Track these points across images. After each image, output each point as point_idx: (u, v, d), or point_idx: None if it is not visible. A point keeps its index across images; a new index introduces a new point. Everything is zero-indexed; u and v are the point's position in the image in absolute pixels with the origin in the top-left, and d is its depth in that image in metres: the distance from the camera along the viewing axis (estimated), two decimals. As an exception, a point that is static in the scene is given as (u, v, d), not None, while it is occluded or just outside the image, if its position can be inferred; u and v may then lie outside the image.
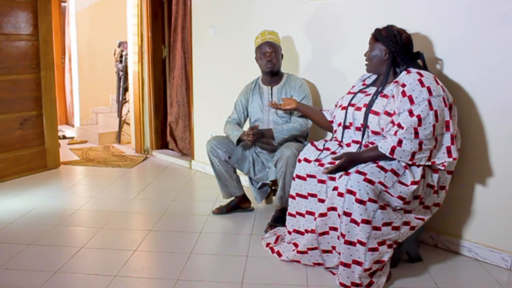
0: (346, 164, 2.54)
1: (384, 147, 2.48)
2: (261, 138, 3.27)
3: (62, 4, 7.40)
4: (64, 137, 6.62)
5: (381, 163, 2.47)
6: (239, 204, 3.61)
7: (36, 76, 4.64)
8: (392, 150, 2.45)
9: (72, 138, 6.71)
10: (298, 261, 2.73)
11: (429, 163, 2.48)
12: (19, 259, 2.78)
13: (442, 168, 2.52)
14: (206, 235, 3.20)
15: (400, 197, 2.43)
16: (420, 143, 2.42)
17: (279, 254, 2.82)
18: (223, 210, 3.59)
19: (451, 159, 2.50)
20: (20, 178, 4.53)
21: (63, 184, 4.41)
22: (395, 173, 2.44)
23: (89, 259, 2.84)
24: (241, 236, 3.20)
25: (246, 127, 3.55)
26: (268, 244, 2.96)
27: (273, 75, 3.39)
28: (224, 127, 3.52)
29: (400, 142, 2.43)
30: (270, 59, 3.32)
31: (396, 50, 2.63)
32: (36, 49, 4.61)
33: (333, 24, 3.45)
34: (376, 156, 2.52)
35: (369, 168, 2.43)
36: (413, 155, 2.44)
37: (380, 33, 2.66)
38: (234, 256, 2.89)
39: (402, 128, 2.43)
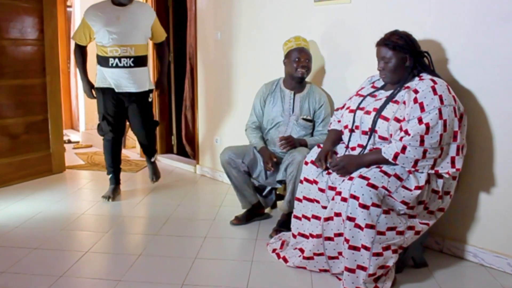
0: (344, 164, 2.57)
1: (387, 152, 2.47)
2: (294, 147, 3.22)
3: (68, 9, 7.44)
4: (69, 142, 6.64)
5: (384, 167, 2.46)
6: (257, 211, 3.55)
7: (42, 81, 4.66)
8: (395, 156, 2.44)
9: (77, 142, 6.73)
10: (304, 267, 2.73)
11: (432, 171, 2.46)
12: (24, 263, 2.79)
13: (447, 176, 2.51)
14: (211, 240, 3.20)
15: (403, 202, 2.42)
16: (425, 152, 2.40)
17: (285, 260, 2.81)
18: (242, 221, 3.49)
19: (454, 169, 2.48)
20: (26, 182, 4.54)
21: (68, 189, 4.42)
22: (398, 178, 2.43)
23: (94, 263, 2.84)
24: (246, 241, 3.20)
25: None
26: (274, 250, 2.95)
27: (300, 81, 3.38)
28: (246, 132, 3.51)
29: (404, 149, 2.42)
30: (305, 65, 3.30)
31: (415, 54, 2.60)
32: (42, 54, 4.63)
33: (338, 27, 3.45)
34: (378, 160, 2.52)
35: (372, 173, 2.43)
36: (416, 162, 2.43)
37: (394, 42, 2.58)
38: (239, 261, 2.89)
39: (409, 134, 2.41)
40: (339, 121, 2.91)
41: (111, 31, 3.73)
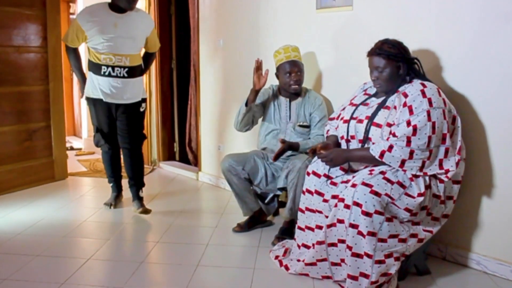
0: (332, 157, 2.60)
1: (375, 149, 2.50)
2: (287, 150, 3.23)
3: (71, 16, 7.48)
4: (71, 148, 6.65)
5: (388, 174, 2.46)
6: (259, 219, 3.54)
7: (45, 88, 4.67)
8: (382, 154, 2.47)
9: (80, 149, 6.74)
10: (307, 274, 2.71)
11: (421, 173, 2.47)
12: (27, 270, 2.78)
13: (446, 179, 2.52)
14: (213, 247, 3.19)
15: (407, 209, 2.42)
16: (411, 152, 2.42)
17: (287, 268, 2.80)
18: (244, 228, 3.48)
19: (442, 171, 2.49)
20: (28, 189, 4.55)
21: (70, 195, 4.42)
22: (401, 185, 2.44)
23: (96, 270, 2.84)
24: (248, 248, 3.19)
25: (256, 130, 3.56)
26: (277, 257, 2.94)
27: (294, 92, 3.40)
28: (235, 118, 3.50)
29: (390, 148, 2.44)
30: (296, 80, 3.30)
31: (407, 62, 2.63)
32: (45, 61, 4.65)
33: (341, 34, 3.46)
34: (365, 157, 2.55)
35: (375, 180, 2.43)
36: (403, 162, 2.44)
37: (387, 51, 2.60)
38: (241, 268, 2.88)
39: (396, 136, 2.45)
40: (336, 129, 2.91)
41: (107, 39, 3.53)
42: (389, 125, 2.53)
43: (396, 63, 2.60)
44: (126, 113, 3.75)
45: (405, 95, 2.51)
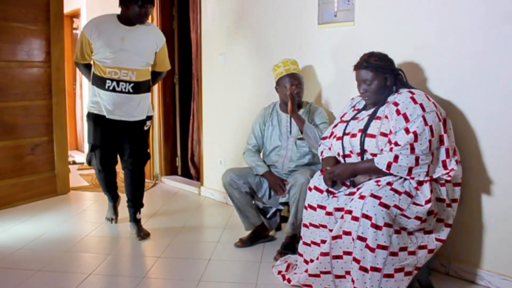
0: (339, 172, 2.63)
1: (380, 162, 2.50)
2: (294, 110, 3.21)
3: (74, 31, 7.53)
4: (74, 163, 6.65)
5: (395, 185, 2.46)
6: (261, 233, 3.53)
7: (48, 102, 4.70)
8: (389, 166, 2.48)
9: (82, 163, 6.73)
10: (310, 285, 2.70)
11: (428, 178, 2.48)
12: (28, 285, 2.77)
13: (449, 178, 2.52)
14: (215, 263, 3.18)
15: (417, 217, 2.42)
16: (417, 158, 2.44)
17: (289, 281, 2.79)
18: (247, 243, 3.47)
19: (447, 171, 2.50)
20: (30, 203, 4.54)
21: (72, 210, 4.41)
22: (409, 195, 2.44)
23: (97, 286, 2.82)
24: (250, 264, 3.17)
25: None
26: (279, 272, 2.92)
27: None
28: (244, 155, 3.51)
29: (396, 158, 2.45)
30: (297, 92, 3.30)
31: (395, 73, 2.69)
32: (48, 76, 4.67)
33: (342, 49, 3.48)
34: (371, 168, 2.56)
35: (383, 192, 2.43)
36: (410, 170, 2.45)
37: (374, 63, 2.66)
38: (243, 283, 2.87)
39: (399, 145, 2.46)
40: (329, 148, 2.91)
41: (112, 52, 3.35)
42: (383, 134, 2.56)
43: (383, 75, 2.66)
44: (129, 132, 3.58)
45: (396, 104, 2.55)
